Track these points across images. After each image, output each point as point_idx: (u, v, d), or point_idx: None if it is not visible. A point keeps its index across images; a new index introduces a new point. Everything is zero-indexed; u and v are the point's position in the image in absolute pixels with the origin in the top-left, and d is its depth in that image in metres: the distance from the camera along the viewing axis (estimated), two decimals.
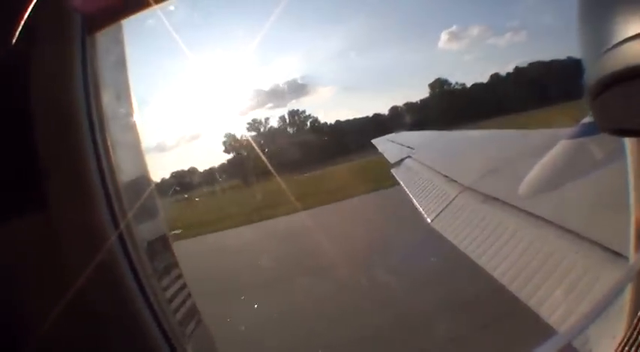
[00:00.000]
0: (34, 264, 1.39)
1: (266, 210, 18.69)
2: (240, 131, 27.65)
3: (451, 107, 26.18)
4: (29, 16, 1.35)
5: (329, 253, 10.56)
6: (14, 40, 1.33)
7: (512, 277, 3.96)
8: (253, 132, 27.53)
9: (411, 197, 8.51)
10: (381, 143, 16.70)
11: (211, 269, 11.44)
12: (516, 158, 7.01)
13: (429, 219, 7.03)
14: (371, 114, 27.68)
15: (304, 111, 27.99)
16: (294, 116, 28.06)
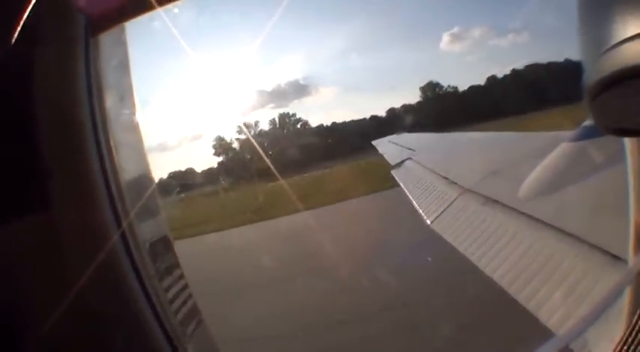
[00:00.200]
0: (36, 264, 1.39)
1: (262, 211, 18.69)
2: (236, 132, 27.78)
3: (448, 109, 26.17)
4: (34, 18, 1.36)
5: (329, 254, 10.55)
6: (19, 41, 1.34)
7: (511, 279, 3.96)
8: (243, 135, 27.68)
9: (411, 198, 8.50)
10: (381, 144, 16.68)
11: (212, 269, 11.44)
12: (517, 160, 7.01)
13: (428, 221, 7.02)
14: (368, 116, 27.79)
15: (294, 114, 28.12)
16: (285, 119, 28.22)
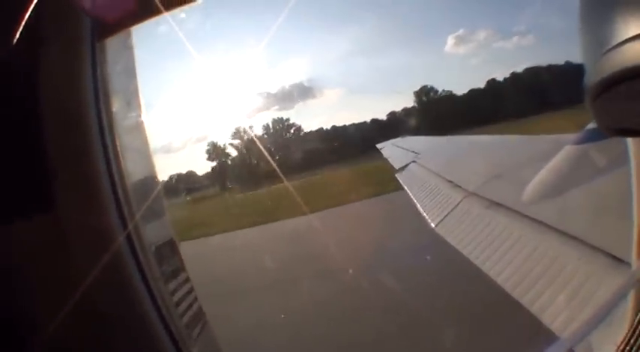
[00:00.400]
0: (42, 265, 1.40)
1: (266, 214, 18.77)
2: (233, 136, 28.04)
3: (448, 113, 26.19)
4: (41, 21, 1.38)
5: (333, 257, 10.54)
6: (26, 43, 1.35)
7: (515, 282, 3.95)
8: (241, 139, 27.90)
9: (415, 202, 8.47)
10: (385, 148, 16.66)
11: (217, 270, 11.45)
12: (520, 163, 6.97)
13: (433, 224, 7.00)
14: (369, 119, 27.93)
15: (288, 119, 28.37)
16: (278, 124, 28.40)
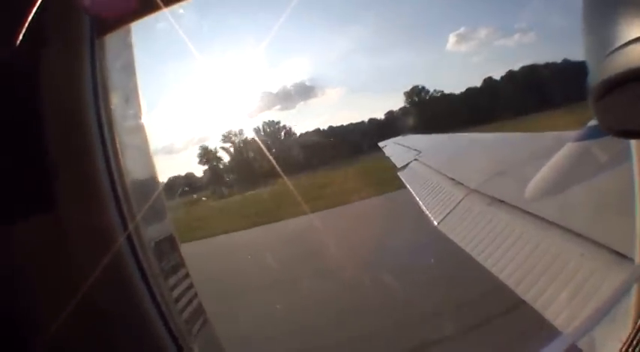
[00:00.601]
0: (43, 264, 1.40)
1: (264, 214, 18.87)
2: (223, 140, 28.28)
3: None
4: (40, 19, 1.37)
5: (335, 256, 10.55)
6: (25, 42, 1.35)
7: (518, 279, 3.94)
8: (228, 144, 28.11)
9: (417, 200, 8.47)
10: (387, 146, 16.68)
11: (217, 271, 11.47)
12: (522, 160, 6.98)
13: (435, 222, 7.00)
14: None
15: (279, 122, 28.51)
16: (269, 127, 28.55)
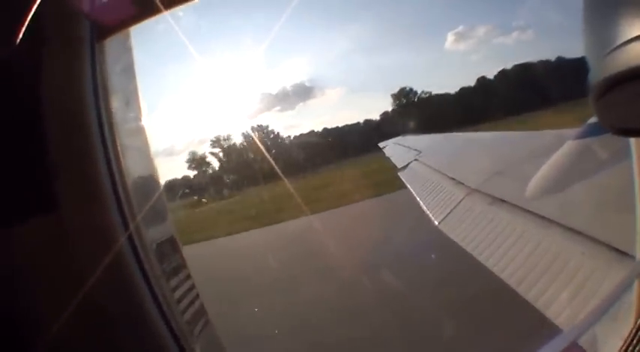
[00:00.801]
0: (44, 265, 1.40)
1: (261, 216, 18.96)
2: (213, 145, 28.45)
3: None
4: (40, 21, 1.38)
5: (338, 256, 10.56)
6: (26, 44, 1.35)
7: (519, 278, 3.94)
8: (217, 149, 28.26)
9: (418, 199, 8.48)
10: (387, 146, 16.69)
11: (218, 272, 11.48)
12: (522, 159, 6.98)
13: (436, 222, 7.00)
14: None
15: (267, 126, 28.71)
16: (259, 131, 28.66)
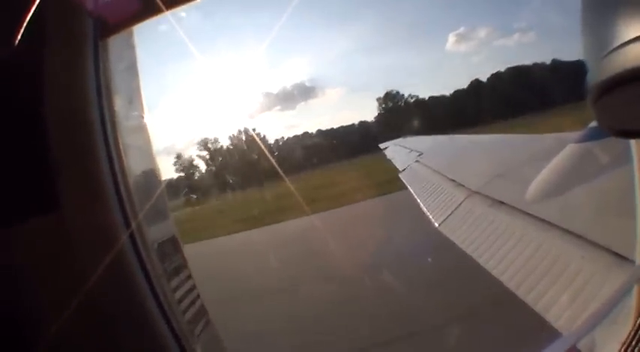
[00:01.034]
0: (46, 263, 1.41)
1: (261, 216, 19.28)
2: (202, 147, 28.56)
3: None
4: (44, 22, 1.38)
5: (336, 257, 10.56)
6: (30, 43, 1.36)
7: (519, 281, 3.93)
8: (205, 152, 28.33)
9: (419, 201, 8.46)
10: (388, 148, 16.68)
11: (219, 272, 11.49)
12: (523, 162, 6.97)
13: (436, 224, 6.99)
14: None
15: (254, 129, 28.81)
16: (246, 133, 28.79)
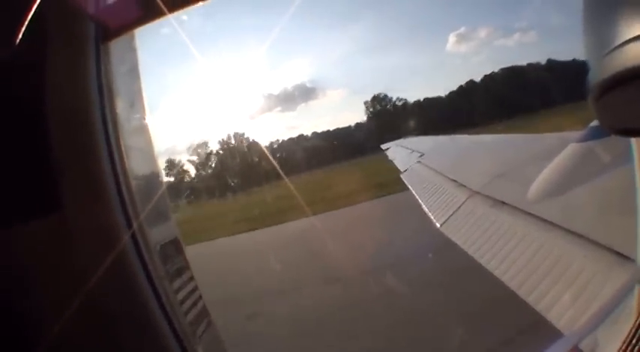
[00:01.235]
0: (48, 264, 1.41)
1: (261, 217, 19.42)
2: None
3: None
4: (46, 24, 1.39)
5: (337, 258, 10.57)
6: (32, 45, 1.36)
7: (520, 281, 3.93)
8: (195, 157, 28.30)
9: (420, 201, 8.46)
10: (390, 148, 16.66)
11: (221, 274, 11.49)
12: (524, 162, 6.96)
13: (438, 224, 6.98)
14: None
15: (243, 134, 28.75)
16: (239, 138, 28.72)
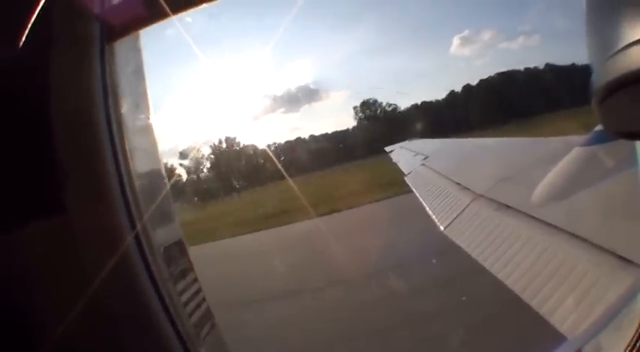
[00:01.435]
0: (52, 265, 1.42)
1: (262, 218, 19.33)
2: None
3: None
4: (51, 25, 1.40)
5: (339, 260, 10.54)
6: (37, 47, 1.37)
7: (524, 284, 3.92)
8: (185, 160, 28.19)
9: (424, 204, 8.45)
10: (394, 151, 16.65)
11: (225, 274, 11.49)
12: (529, 165, 6.95)
13: (442, 227, 6.97)
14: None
15: (235, 138, 28.65)
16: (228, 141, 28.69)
